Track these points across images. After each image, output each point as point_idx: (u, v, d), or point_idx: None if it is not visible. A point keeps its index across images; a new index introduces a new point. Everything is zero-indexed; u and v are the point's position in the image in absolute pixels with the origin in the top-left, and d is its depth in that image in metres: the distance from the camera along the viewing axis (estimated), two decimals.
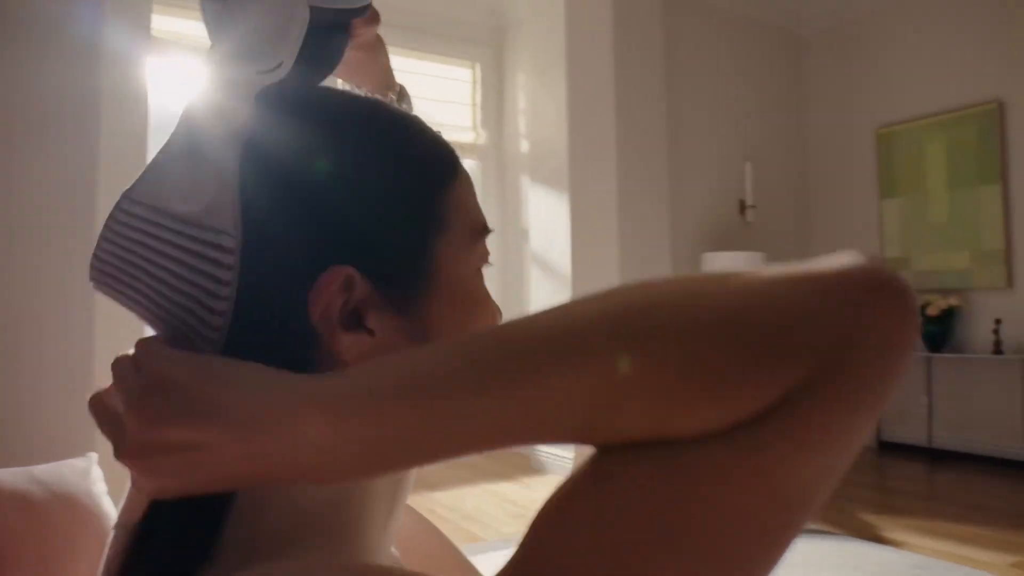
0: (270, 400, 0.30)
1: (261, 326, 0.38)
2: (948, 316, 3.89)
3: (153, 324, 0.40)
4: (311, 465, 0.29)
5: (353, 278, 0.38)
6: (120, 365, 0.34)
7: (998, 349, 3.64)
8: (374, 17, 0.53)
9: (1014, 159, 3.70)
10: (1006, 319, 3.66)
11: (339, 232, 0.39)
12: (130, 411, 0.31)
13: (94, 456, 1.50)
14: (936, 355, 3.95)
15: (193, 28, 3.89)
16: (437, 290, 0.41)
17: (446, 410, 0.29)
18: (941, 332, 3.91)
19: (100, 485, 1.42)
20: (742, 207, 4.61)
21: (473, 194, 0.45)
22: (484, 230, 0.45)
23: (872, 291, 0.28)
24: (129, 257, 0.38)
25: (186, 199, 0.37)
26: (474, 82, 5.54)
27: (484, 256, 0.45)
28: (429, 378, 0.30)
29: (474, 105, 5.47)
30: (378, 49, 0.61)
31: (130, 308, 0.40)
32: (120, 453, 0.31)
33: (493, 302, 0.46)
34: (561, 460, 3.66)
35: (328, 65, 0.48)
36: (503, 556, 0.30)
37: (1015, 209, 3.69)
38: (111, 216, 0.39)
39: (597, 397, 0.28)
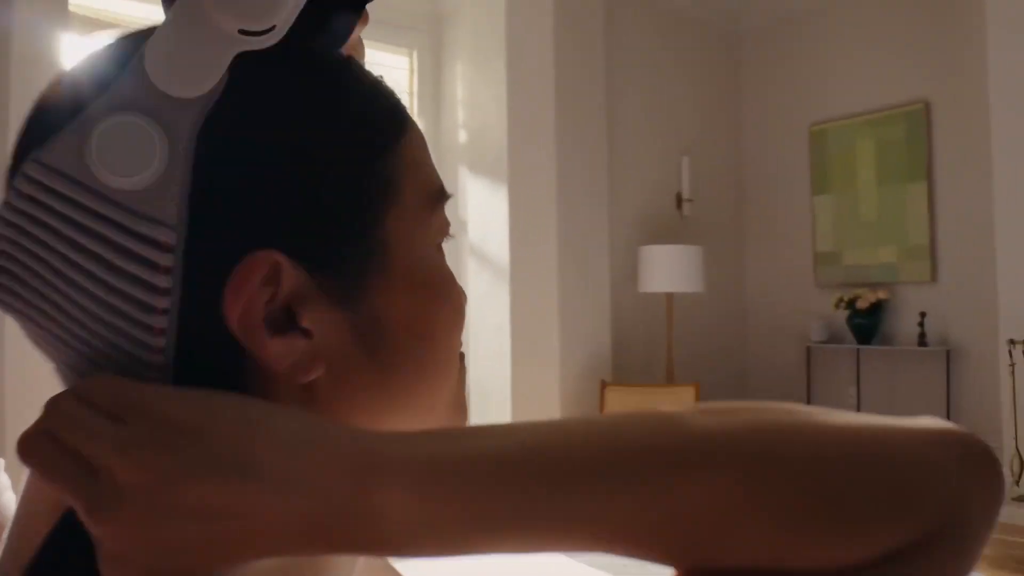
0: (330, 458, 0.26)
1: (196, 343, 0.31)
2: (877, 309, 4.00)
3: (66, 350, 0.31)
4: (380, 540, 0.26)
5: (280, 266, 0.30)
6: (69, 407, 0.27)
7: (923, 341, 3.76)
8: (364, 18, 0.48)
9: (939, 158, 3.83)
10: (930, 312, 3.79)
11: (260, 208, 0.31)
12: (127, 463, 0.25)
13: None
14: (864, 347, 4.06)
15: (114, 3, 3.59)
16: (389, 274, 0.34)
17: (551, 502, 0.26)
18: (870, 325, 4.02)
19: (7, 495, 1.27)
20: (679, 201, 4.63)
21: (426, 152, 0.37)
22: (442, 195, 0.37)
23: (978, 458, 0.29)
24: (30, 257, 0.29)
25: (120, 170, 0.28)
26: (411, 70, 5.36)
27: (444, 228, 0.38)
28: (534, 463, 0.27)
29: (411, 94, 5.28)
30: (359, 52, 0.57)
31: (33, 330, 0.31)
32: (105, 517, 0.25)
33: (458, 285, 0.38)
34: None
35: (333, 45, 0.39)
36: None
37: (939, 206, 3.82)
38: (6, 194, 0.29)
39: (716, 514, 0.26)
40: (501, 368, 3.72)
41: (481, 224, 3.95)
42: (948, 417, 3.72)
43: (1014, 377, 2.77)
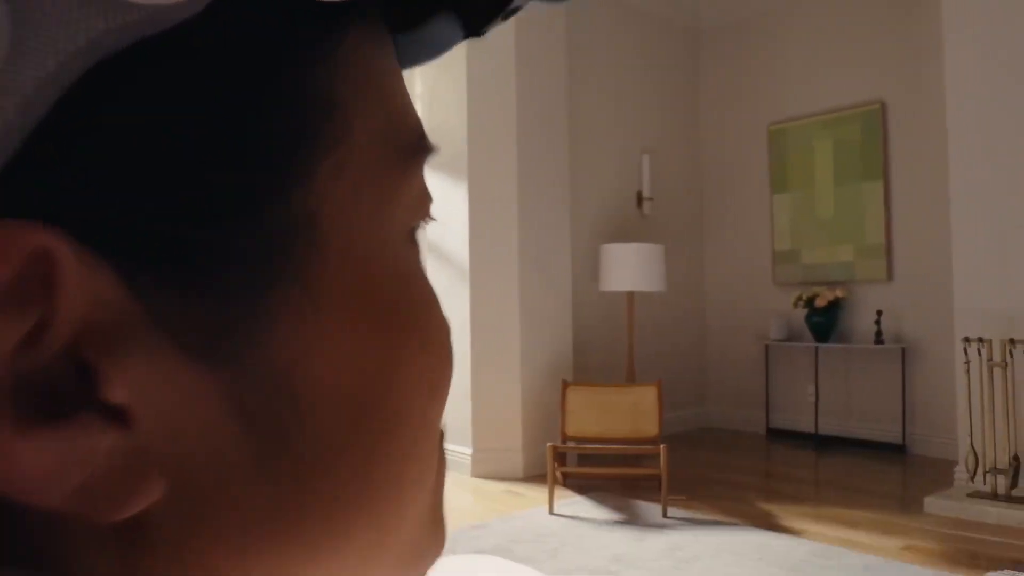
0: None
1: None
2: (834, 307, 4.04)
3: None
4: None
5: (57, 260, 0.14)
6: None
7: (879, 339, 3.81)
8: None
9: (894, 157, 3.89)
10: (886, 310, 3.84)
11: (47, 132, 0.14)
12: None
13: None
14: (822, 345, 4.09)
15: None
16: (315, 285, 0.18)
17: None
18: (827, 323, 4.05)
19: None
20: (639, 199, 4.61)
21: (399, 78, 0.22)
22: (422, 146, 0.21)
23: None
24: None
25: None
26: None
27: (421, 204, 0.22)
28: None
29: None
30: None
31: None
32: None
33: (440, 310, 0.23)
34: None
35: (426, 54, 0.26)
36: None
37: (895, 205, 3.88)
38: None
39: None
40: (461, 369, 3.63)
41: (440, 221, 3.82)
42: (904, 413, 3.78)
43: (969, 375, 2.81)
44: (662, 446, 2.74)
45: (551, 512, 2.80)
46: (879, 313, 3.83)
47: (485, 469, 3.46)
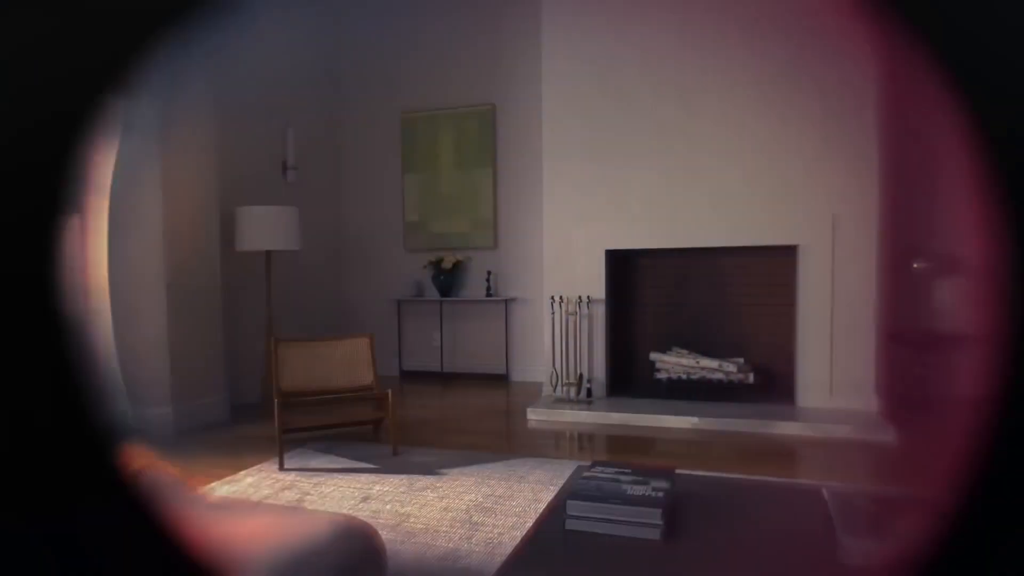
0: None
1: None
2: (456, 269, 4.94)
3: None
4: None
5: None
6: None
7: (490, 294, 4.86)
8: None
9: (501, 150, 4.90)
10: (494, 271, 4.92)
11: None
12: None
13: None
14: (446, 300, 4.97)
15: None
16: None
17: None
18: (451, 281, 4.93)
19: None
20: (284, 167, 4.73)
21: None
22: None
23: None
24: None
25: None
26: None
27: None
28: None
29: None
30: None
31: None
32: None
33: None
34: None
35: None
36: None
37: (500, 188, 4.92)
38: None
39: None
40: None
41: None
42: (507, 351, 4.94)
43: (553, 321, 3.97)
44: (388, 391, 3.03)
45: (282, 468, 2.87)
46: (489, 273, 4.87)
47: None
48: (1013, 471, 0.40)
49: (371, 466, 2.89)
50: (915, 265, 3.88)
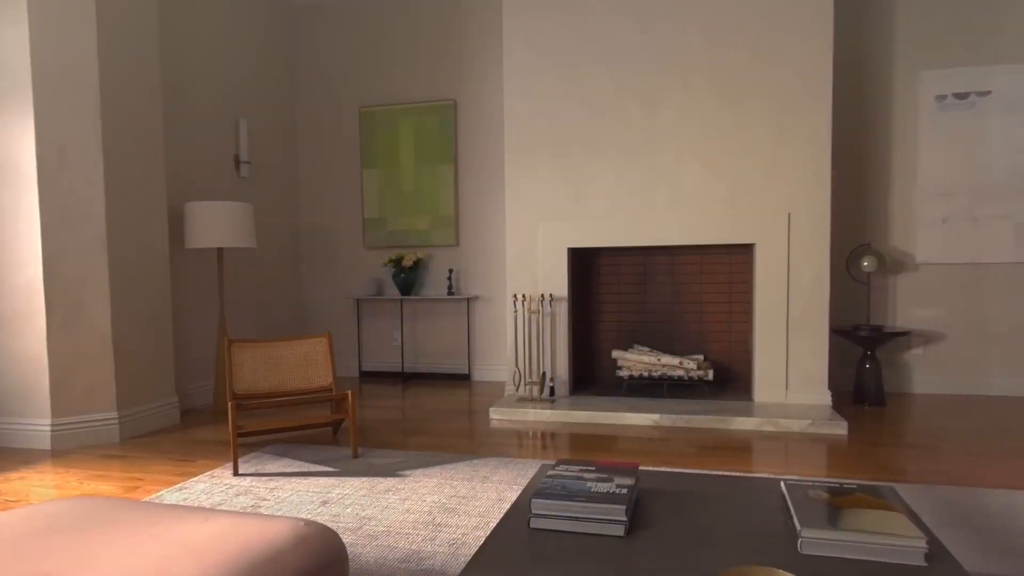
0: None
1: None
2: (417, 266, 4.88)
3: None
4: None
5: None
6: None
7: (451, 292, 4.81)
8: None
9: (462, 146, 4.86)
10: (456, 269, 4.87)
11: None
12: None
13: None
14: (406, 298, 4.91)
15: None
16: None
17: None
18: (412, 279, 4.87)
19: None
20: (237, 162, 4.59)
21: None
22: None
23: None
24: None
25: None
26: None
27: None
28: None
29: None
30: None
31: None
32: None
33: None
34: None
35: None
36: None
37: (462, 185, 4.87)
38: None
39: None
40: (35, 335, 3.16)
41: (7, 170, 3.20)
42: (469, 347, 4.90)
43: (516, 319, 3.95)
44: (348, 392, 2.95)
45: (236, 473, 2.77)
46: (450, 271, 4.83)
47: (68, 441, 3.14)
48: None
49: (330, 469, 2.83)
50: (864, 264, 4.00)
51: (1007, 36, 4.01)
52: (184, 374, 4.13)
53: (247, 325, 4.74)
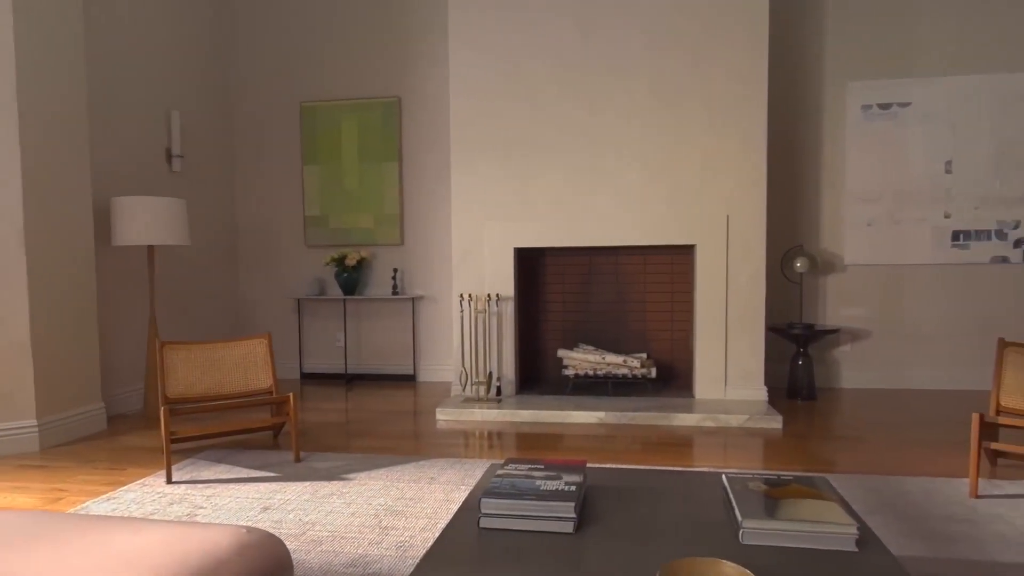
0: None
1: None
2: (360, 266, 4.79)
3: None
4: None
5: None
6: None
7: (396, 292, 4.75)
8: None
9: (407, 144, 4.80)
10: (401, 268, 4.81)
11: None
12: None
13: None
14: (350, 298, 4.82)
15: None
16: None
17: None
18: (355, 279, 4.78)
19: None
20: (169, 155, 4.40)
21: None
22: None
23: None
24: None
25: None
26: None
27: None
28: None
29: None
30: None
31: None
32: None
33: None
34: None
35: None
36: None
37: (407, 183, 4.82)
38: None
39: None
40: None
41: None
42: (414, 348, 4.85)
43: (463, 319, 3.93)
44: (290, 394, 2.87)
45: (169, 481, 2.65)
46: (395, 271, 4.76)
47: None
48: None
49: (271, 474, 2.74)
50: (797, 265, 4.18)
51: (924, 51, 4.27)
52: (112, 378, 3.93)
53: (181, 326, 4.55)
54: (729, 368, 3.78)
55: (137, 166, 4.14)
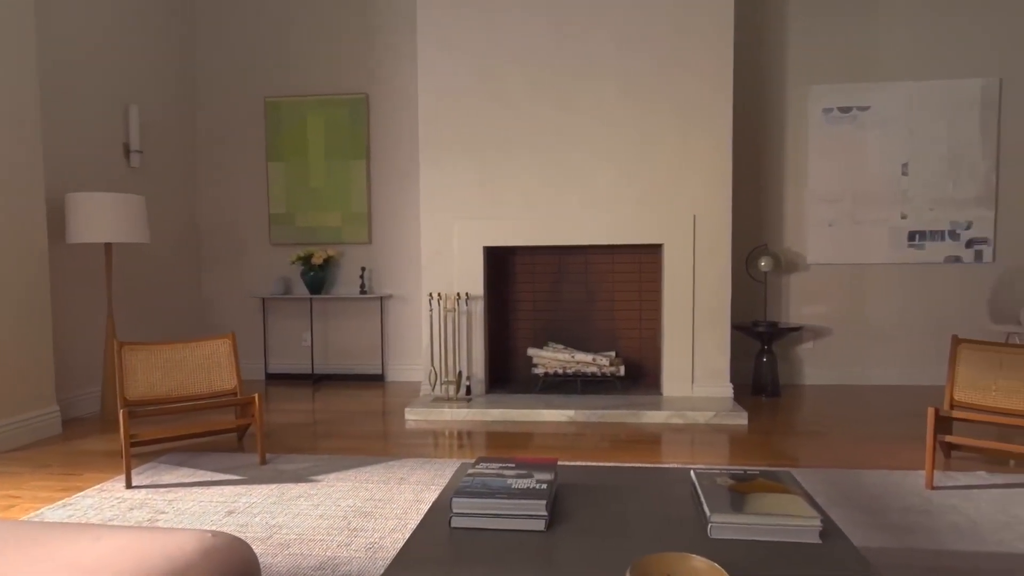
0: None
1: None
2: (328, 264, 4.73)
3: None
4: None
5: None
6: None
7: (363, 290, 4.70)
8: None
9: (375, 141, 4.75)
10: (369, 266, 4.76)
11: None
12: None
13: None
14: (316, 297, 4.75)
15: None
16: None
17: None
18: (322, 278, 4.71)
19: None
20: (127, 150, 4.27)
21: None
22: None
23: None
24: None
25: None
26: None
27: None
28: None
29: None
30: None
31: None
32: None
33: None
34: None
35: None
36: None
37: (375, 181, 4.77)
38: None
39: None
40: None
41: None
42: (383, 347, 4.80)
43: (432, 319, 3.91)
44: (255, 395, 2.80)
45: (129, 485, 2.57)
46: (363, 270, 4.71)
47: None
48: None
49: (236, 477, 2.69)
50: (761, 264, 4.26)
51: (883, 57, 4.39)
52: (67, 381, 3.80)
53: (141, 327, 4.43)
54: (696, 366, 3.84)
55: (93, 161, 4.02)
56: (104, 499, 2.45)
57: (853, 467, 2.76)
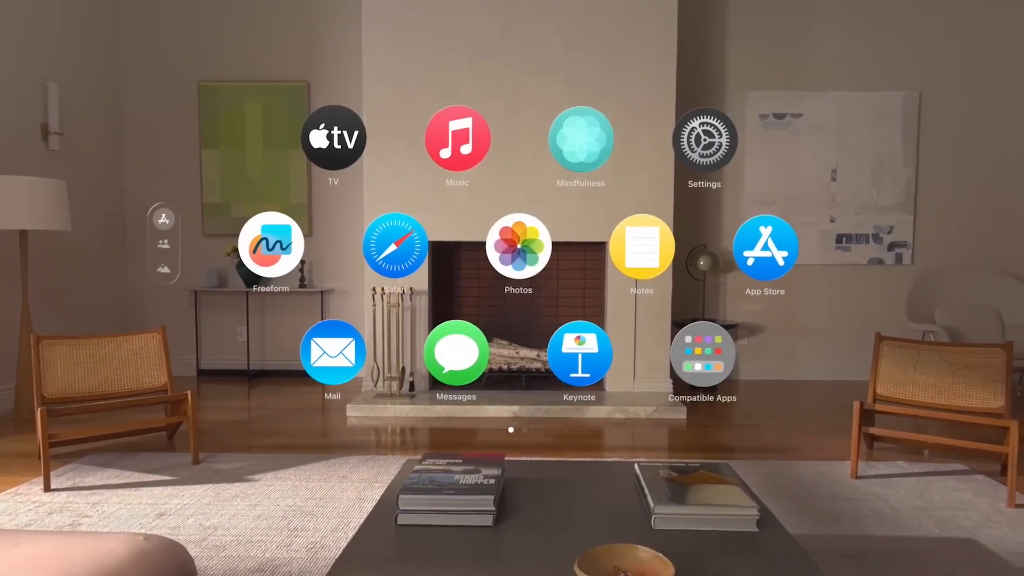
0: None
1: None
2: None
3: None
4: None
5: None
6: None
7: (303, 284, 4.57)
8: None
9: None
10: (309, 259, 4.63)
11: None
12: None
13: None
14: (252, 291, 4.59)
15: None
16: None
17: None
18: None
19: None
20: (45, 132, 4.01)
21: None
22: None
23: None
24: None
25: None
26: None
27: None
28: None
29: None
30: None
31: None
32: None
33: None
34: None
35: None
36: None
37: (315, 172, 4.64)
38: None
39: None
40: None
41: None
42: None
43: (375, 313, 3.84)
44: (188, 392, 2.68)
45: (48, 488, 2.42)
46: (303, 262, 4.58)
47: None
48: None
49: (167, 478, 2.57)
50: (701, 263, 4.39)
51: (815, 67, 4.59)
52: None
53: (61, 320, 4.17)
54: (638, 362, 3.92)
55: (7, 143, 3.75)
56: (20, 503, 2.29)
57: (785, 458, 2.88)
